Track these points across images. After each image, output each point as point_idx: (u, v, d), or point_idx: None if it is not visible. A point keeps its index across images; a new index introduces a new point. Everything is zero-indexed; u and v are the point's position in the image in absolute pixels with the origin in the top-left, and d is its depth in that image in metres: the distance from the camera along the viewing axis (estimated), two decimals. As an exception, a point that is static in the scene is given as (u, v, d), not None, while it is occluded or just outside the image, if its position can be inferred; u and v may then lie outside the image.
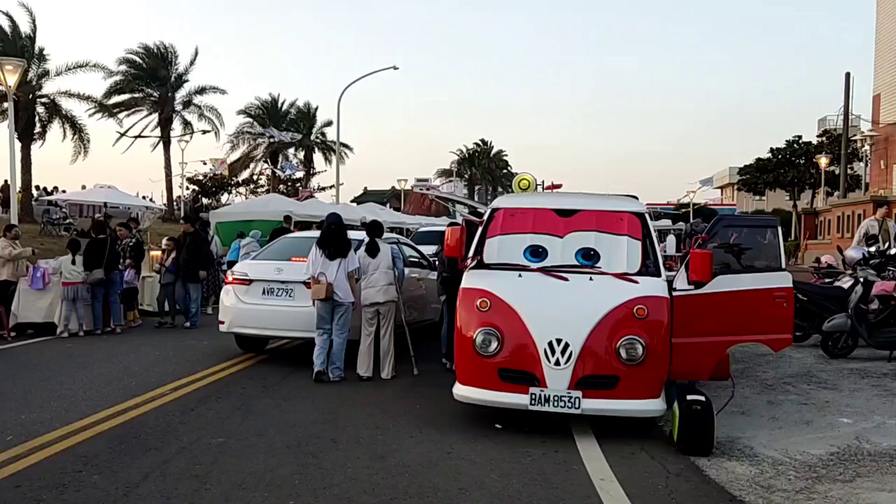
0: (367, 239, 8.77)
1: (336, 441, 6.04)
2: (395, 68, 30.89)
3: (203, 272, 13.05)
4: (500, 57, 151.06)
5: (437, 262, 10.68)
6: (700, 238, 6.97)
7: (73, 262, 11.73)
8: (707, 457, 5.67)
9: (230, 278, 9.68)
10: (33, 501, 4.55)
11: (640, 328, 6.05)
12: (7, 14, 24.27)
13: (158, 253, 14.85)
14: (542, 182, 27.05)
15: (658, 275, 6.53)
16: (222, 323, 9.49)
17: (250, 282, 9.30)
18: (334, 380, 8.31)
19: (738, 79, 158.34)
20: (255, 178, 45.79)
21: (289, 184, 48.95)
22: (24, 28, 24.57)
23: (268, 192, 47.37)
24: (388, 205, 45.83)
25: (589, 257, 6.66)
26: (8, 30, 24.13)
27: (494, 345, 6.16)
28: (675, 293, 6.49)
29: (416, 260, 11.19)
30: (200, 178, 48.29)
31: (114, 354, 10.04)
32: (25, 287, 11.80)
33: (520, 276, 6.53)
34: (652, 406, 6.07)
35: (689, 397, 5.81)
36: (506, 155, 79.28)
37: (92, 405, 7.00)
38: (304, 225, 18.57)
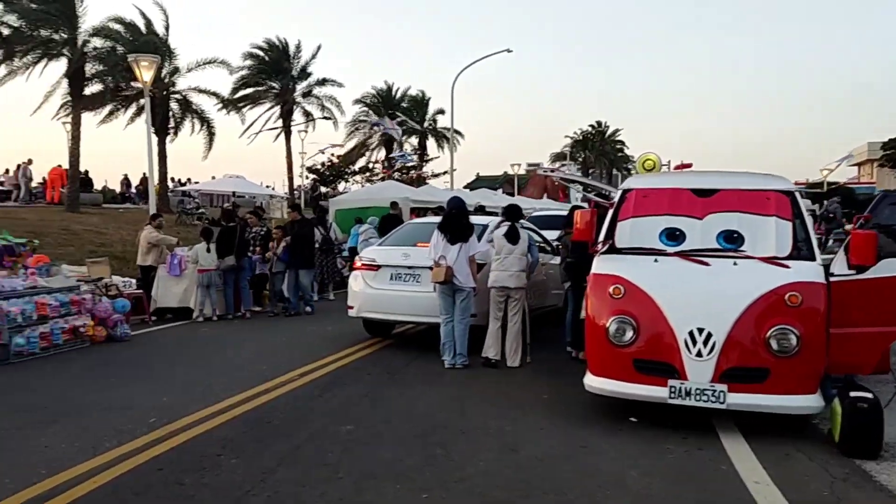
0: (504, 223, 8.57)
1: (464, 431, 5.88)
2: (509, 51, 30.50)
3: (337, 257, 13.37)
4: (614, 36, 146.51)
5: (559, 247, 10.37)
6: (862, 218, 6.28)
7: (208, 250, 12.22)
8: (875, 460, 5.10)
9: (358, 264, 9.81)
10: (175, 485, 4.66)
11: (793, 317, 5.51)
12: (143, 14, 25.83)
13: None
14: (668, 162, 25.74)
15: (812, 258, 5.93)
16: (351, 308, 9.61)
17: (378, 267, 9.36)
18: (458, 367, 8.19)
19: (871, 52, 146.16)
20: (370, 165, 46.63)
21: (403, 171, 49.56)
22: (159, 27, 26.09)
23: (382, 179, 48.22)
24: (500, 190, 45.52)
25: (732, 240, 6.14)
26: (143, 28, 25.57)
27: (629, 334, 5.80)
28: (832, 279, 5.87)
29: (539, 244, 10.89)
30: (319, 167, 49.85)
31: (245, 339, 10.38)
32: (164, 273, 12.45)
33: (655, 260, 6.11)
34: (808, 402, 5.52)
35: (853, 394, 5.24)
36: (621, 137, 76.87)
37: (227, 389, 7.19)
38: (421, 211, 18.67)
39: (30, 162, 29.72)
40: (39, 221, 19.56)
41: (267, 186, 31.45)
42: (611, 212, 6.77)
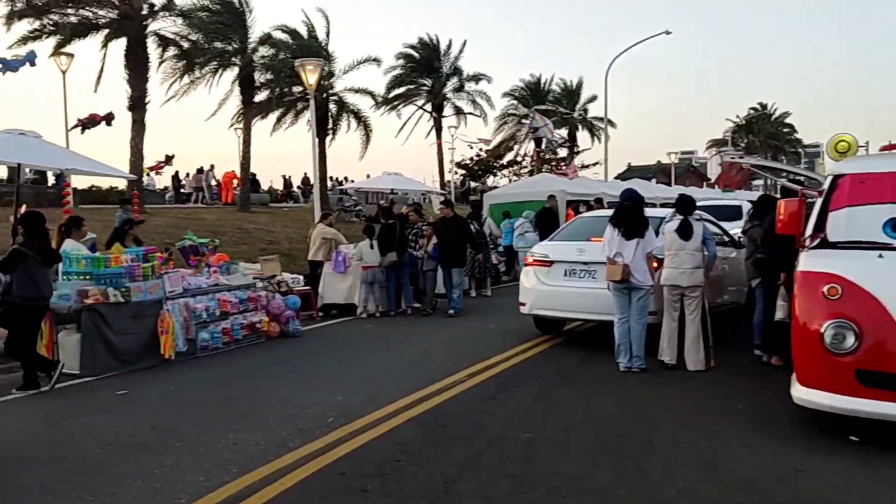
0: (676, 216, 7.98)
1: (653, 444, 5.39)
2: (668, 33, 28.93)
3: (474, 256, 12.81)
4: (773, 12, 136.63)
5: (741, 240, 9.53)
6: None
7: (371, 247, 12.40)
8: None
9: (529, 259, 9.59)
10: (359, 491, 4.55)
11: None
12: (307, 20, 27.00)
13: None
14: (867, 143, 23.24)
15: None
16: (523, 305, 9.41)
17: (551, 263, 9.13)
18: (635, 370, 7.66)
19: None
20: (519, 159, 46.37)
21: (552, 163, 48.77)
22: (320, 33, 27.19)
23: (531, 172, 47.73)
24: (654, 180, 43.68)
25: (976, 231, 5.20)
26: (305, 34, 26.73)
27: (850, 340, 5.05)
28: None
29: (718, 236, 10.08)
30: (467, 162, 50.16)
31: (408, 336, 10.37)
32: (329, 270, 12.80)
33: (880, 256, 5.30)
34: None
35: None
36: (789, 119, 71.39)
37: (398, 388, 7.12)
38: (576, 204, 18.08)
39: (212, 168, 32.13)
40: (217, 221, 20.94)
41: (423, 182, 31.91)
42: (819, 201, 5.97)
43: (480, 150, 46.84)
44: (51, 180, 23.55)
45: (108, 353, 8.15)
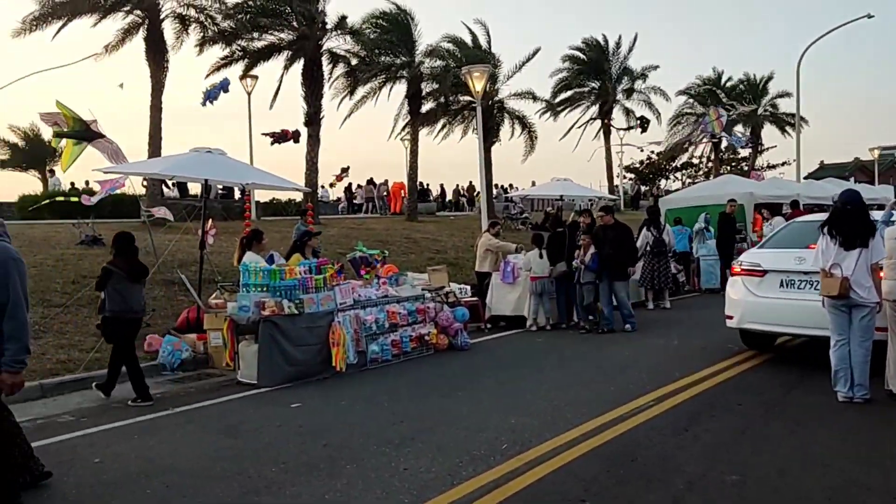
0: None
1: (898, 499, 4.40)
2: (870, 16, 25.90)
3: (631, 268, 11.68)
4: None
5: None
6: None
7: (540, 257, 11.87)
8: None
9: (737, 269, 8.95)
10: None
11: None
12: (470, 30, 27.11)
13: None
14: None
15: None
16: (730, 318, 8.78)
17: (764, 273, 8.45)
18: (857, 401, 6.54)
19: None
20: (695, 160, 44.00)
21: (732, 164, 45.74)
22: (482, 40, 27.12)
23: (707, 175, 44.96)
24: (852, 179, 39.55)
25: None
26: (469, 43, 26.80)
27: None
28: None
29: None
30: (637, 165, 48.27)
31: (583, 352, 9.72)
32: (497, 281, 12.40)
33: None
34: None
35: None
36: None
37: (576, 412, 6.52)
38: (772, 207, 16.49)
39: (385, 182, 33.25)
40: (385, 231, 21.36)
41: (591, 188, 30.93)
42: None
43: (652, 152, 44.97)
44: (237, 194, 25.24)
45: (284, 364, 8.24)
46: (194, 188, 24.24)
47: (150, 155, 18.87)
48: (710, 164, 45.60)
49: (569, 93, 35.46)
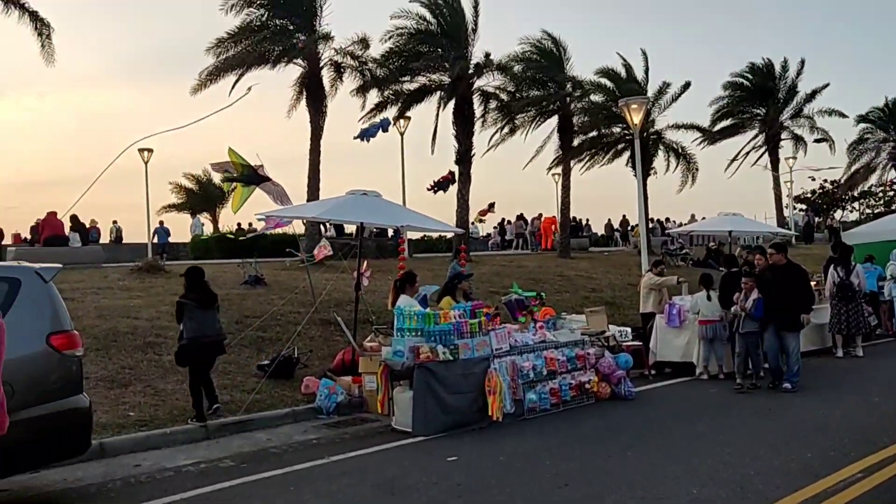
0: None
1: None
2: None
3: (805, 316, 9.98)
4: None
5: None
6: None
7: (709, 299, 10.88)
8: None
9: None
10: None
11: None
12: (624, 60, 26.28)
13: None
14: None
15: None
16: None
17: None
18: None
19: None
20: (879, 189, 39.96)
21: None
22: (638, 72, 26.25)
23: (888, 204, 40.66)
24: None
25: None
26: (623, 75, 25.97)
27: None
28: None
29: None
30: (808, 195, 44.63)
31: (766, 407, 8.70)
32: (662, 324, 11.52)
33: None
34: None
35: None
36: None
37: (768, 483, 5.66)
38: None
39: (539, 216, 32.91)
40: (538, 268, 20.82)
41: (769, 222, 28.75)
42: None
43: (825, 180, 41.48)
44: (390, 232, 25.74)
45: (439, 412, 7.93)
46: (351, 226, 25.02)
47: (310, 196, 19.62)
48: (891, 193, 41.29)
49: (729, 121, 33.40)
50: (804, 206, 41.17)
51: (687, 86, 26.72)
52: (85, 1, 68.03)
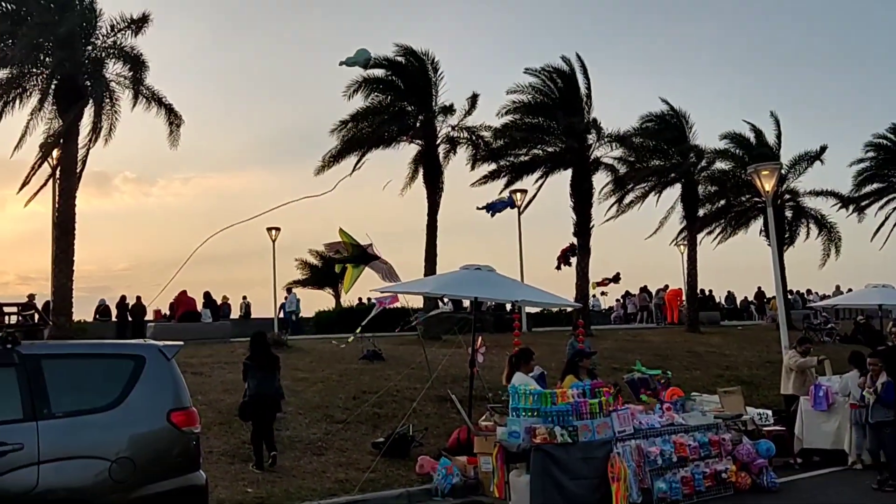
0: None
1: None
2: None
3: None
4: None
5: None
6: None
7: (861, 379, 9.80)
8: None
9: None
10: None
11: None
12: (754, 127, 25.29)
13: None
14: None
15: None
16: None
17: None
18: None
19: None
20: None
21: None
22: (770, 136, 25.13)
23: None
24: None
25: None
26: (753, 141, 24.95)
27: None
28: None
29: None
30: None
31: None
32: (808, 407, 10.47)
33: None
34: None
35: None
36: None
37: None
38: None
39: (665, 287, 31.75)
40: (664, 344, 19.79)
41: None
42: None
43: None
44: (508, 306, 25.46)
45: (559, 498, 7.49)
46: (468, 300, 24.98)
47: (426, 271, 19.78)
48: None
49: (874, 185, 31.10)
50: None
51: (824, 149, 25.30)
52: (224, 90, 74.23)
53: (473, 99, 21.03)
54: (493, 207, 21.68)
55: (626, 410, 8.27)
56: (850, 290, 25.58)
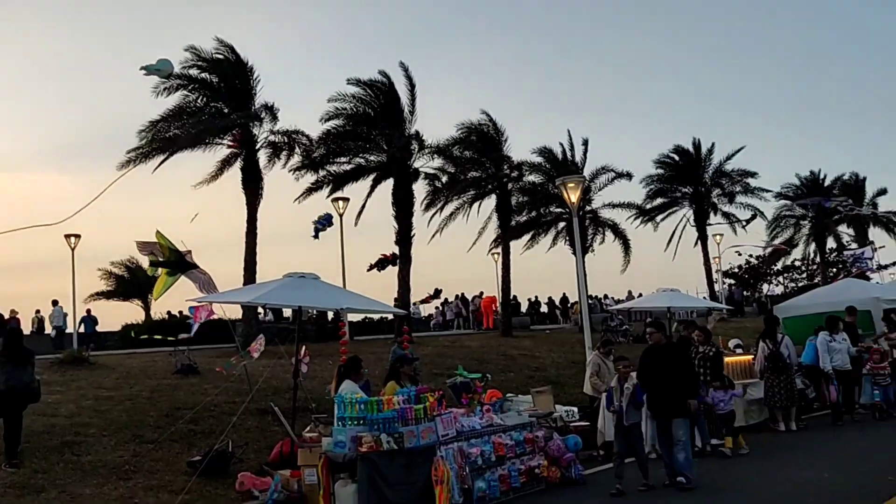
0: None
1: None
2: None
3: (693, 402, 8.99)
4: None
5: None
6: None
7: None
8: None
9: None
10: None
11: None
12: (562, 144, 27.18)
13: (734, 359, 13.20)
14: None
15: None
16: None
17: None
18: None
19: None
20: (799, 263, 41.72)
21: (839, 266, 43.12)
22: (578, 155, 27.14)
23: (811, 277, 42.45)
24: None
25: None
26: (559, 154, 26.74)
27: None
28: None
29: None
30: (736, 270, 46.17)
31: (719, 485, 8.52)
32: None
33: None
34: None
35: None
36: None
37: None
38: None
39: (480, 295, 32.91)
40: (481, 348, 20.60)
41: (704, 297, 29.36)
42: None
43: (750, 255, 43.05)
44: (331, 315, 25.24)
45: (384, 505, 7.47)
46: (289, 310, 24.42)
47: (246, 280, 19.10)
48: (813, 267, 43.16)
49: (660, 199, 34.70)
50: (732, 281, 42.47)
51: (628, 175, 27.72)
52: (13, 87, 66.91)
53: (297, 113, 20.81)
54: (318, 229, 21.61)
55: (449, 414, 8.50)
56: (639, 294, 28.23)
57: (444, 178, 24.59)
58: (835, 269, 41.60)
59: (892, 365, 13.45)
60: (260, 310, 22.15)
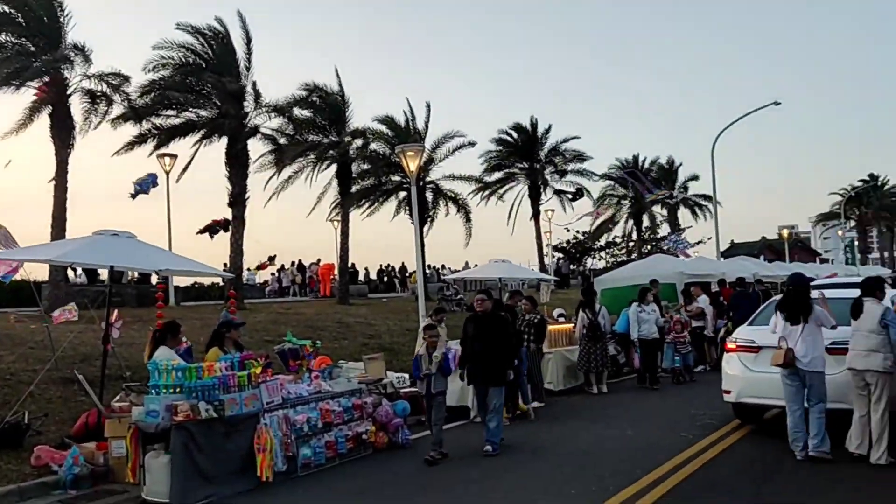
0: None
1: None
2: (777, 104, 27.39)
3: (510, 371, 9.14)
4: (882, 81, 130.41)
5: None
6: None
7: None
8: None
9: (732, 345, 9.30)
10: None
11: None
12: (405, 112, 27.06)
13: (557, 327, 13.91)
14: None
15: None
16: (728, 393, 9.12)
17: (759, 349, 8.76)
18: (812, 453, 7.43)
19: None
20: (619, 240, 44.87)
21: (653, 244, 46.84)
22: (420, 122, 27.13)
23: (628, 254, 45.93)
24: (761, 257, 41.26)
25: None
26: (402, 123, 26.66)
27: None
28: None
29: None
30: (564, 245, 48.85)
31: (538, 446, 8.98)
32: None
33: None
34: None
35: None
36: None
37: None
38: (706, 286, 16.41)
39: (317, 262, 32.22)
40: (316, 315, 20.25)
41: (534, 269, 30.71)
42: None
43: (577, 231, 45.75)
44: (154, 279, 23.75)
45: (198, 477, 7.11)
46: (106, 272, 22.70)
47: (54, 237, 17.44)
48: (631, 244, 46.62)
49: (499, 174, 35.85)
50: (560, 255, 44.87)
51: (471, 143, 28.14)
52: None
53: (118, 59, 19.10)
54: (141, 189, 20.10)
55: (275, 381, 8.22)
56: (475, 265, 29.05)
57: (283, 141, 23.75)
58: (649, 246, 45.18)
59: (691, 334, 14.87)
60: (70, 271, 20.33)
